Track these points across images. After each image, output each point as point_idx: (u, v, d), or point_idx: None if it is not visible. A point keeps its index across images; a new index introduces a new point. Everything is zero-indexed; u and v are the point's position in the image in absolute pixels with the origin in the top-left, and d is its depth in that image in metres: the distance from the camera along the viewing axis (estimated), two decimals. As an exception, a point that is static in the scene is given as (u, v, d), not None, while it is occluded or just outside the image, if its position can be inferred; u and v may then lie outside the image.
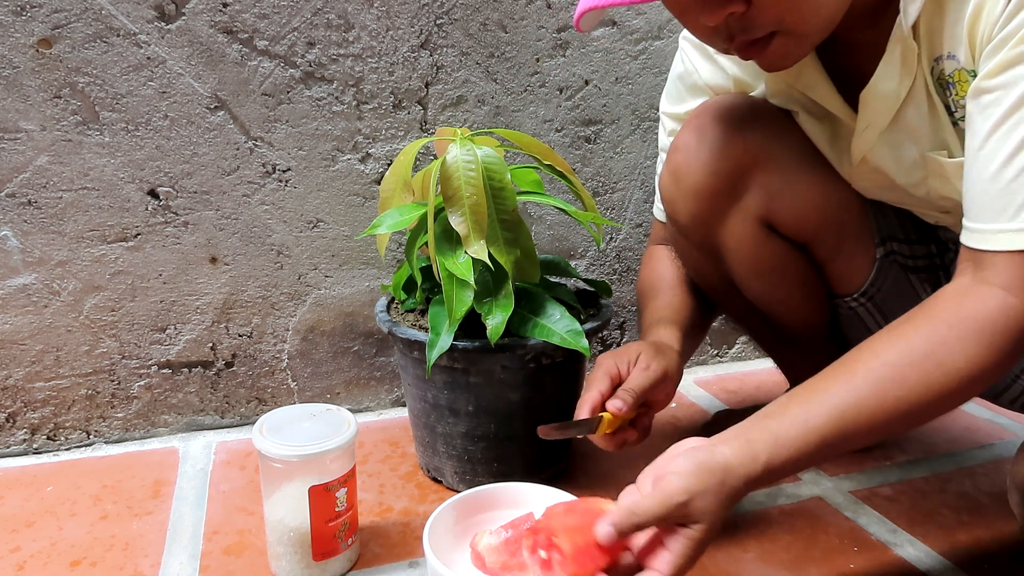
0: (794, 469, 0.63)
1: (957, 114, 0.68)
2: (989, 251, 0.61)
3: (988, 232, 0.61)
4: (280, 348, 1.14)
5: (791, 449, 0.61)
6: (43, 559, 0.83)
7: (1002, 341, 0.60)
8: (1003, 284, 0.60)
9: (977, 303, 0.61)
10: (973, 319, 0.60)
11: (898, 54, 0.68)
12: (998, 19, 0.58)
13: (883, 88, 0.71)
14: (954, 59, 0.65)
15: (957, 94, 0.67)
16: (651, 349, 0.82)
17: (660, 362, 0.81)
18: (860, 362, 0.63)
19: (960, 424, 1.17)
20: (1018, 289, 0.60)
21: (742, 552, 0.85)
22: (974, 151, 0.62)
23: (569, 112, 1.20)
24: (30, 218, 0.99)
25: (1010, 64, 0.58)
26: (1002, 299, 0.60)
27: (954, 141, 0.70)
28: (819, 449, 0.62)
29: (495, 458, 0.92)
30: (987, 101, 0.60)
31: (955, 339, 0.60)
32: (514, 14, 1.13)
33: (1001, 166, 0.59)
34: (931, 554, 0.85)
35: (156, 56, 0.99)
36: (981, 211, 0.61)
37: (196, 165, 1.04)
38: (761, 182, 0.82)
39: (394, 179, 0.89)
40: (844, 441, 0.62)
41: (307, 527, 0.76)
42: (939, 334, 0.61)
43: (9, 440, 1.05)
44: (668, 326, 0.88)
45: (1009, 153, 0.58)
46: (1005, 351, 0.60)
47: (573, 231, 1.26)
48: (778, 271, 0.87)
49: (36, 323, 1.03)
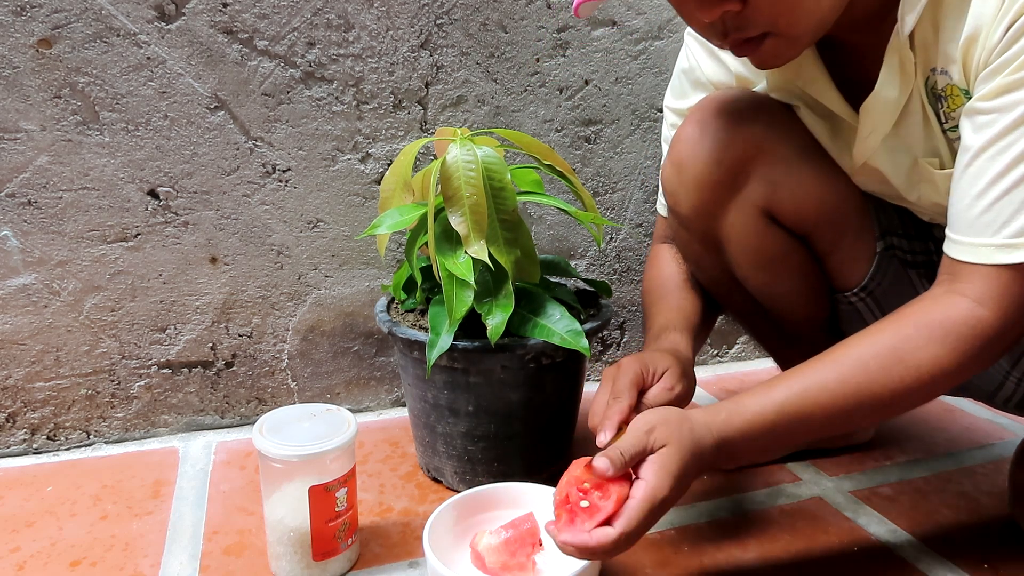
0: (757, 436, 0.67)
1: (947, 125, 0.70)
2: (967, 262, 0.64)
3: (970, 245, 0.64)
4: (280, 348, 1.14)
5: (752, 413, 0.67)
6: (43, 559, 0.83)
7: (965, 347, 0.64)
8: (975, 296, 0.64)
9: (946, 308, 0.65)
10: (939, 323, 0.65)
11: (896, 63, 0.70)
12: (997, 44, 0.60)
13: (885, 95, 0.72)
14: (946, 75, 0.67)
15: (948, 107, 0.69)
16: (679, 368, 0.80)
17: (683, 385, 0.79)
18: (831, 353, 0.69)
19: (960, 424, 1.17)
20: (989, 302, 0.64)
21: (742, 552, 0.85)
22: (963, 167, 0.64)
23: (569, 112, 1.20)
24: (30, 218, 0.99)
25: (1007, 89, 0.60)
26: (971, 308, 0.64)
27: (944, 150, 0.72)
28: (778, 418, 0.67)
29: (495, 458, 0.92)
30: (981, 121, 0.62)
31: (920, 339, 0.65)
32: (514, 14, 1.13)
33: (988, 184, 0.62)
34: (931, 554, 0.85)
35: (156, 56, 0.99)
36: (965, 225, 0.65)
37: (196, 165, 1.04)
38: (763, 173, 0.82)
39: (394, 179, 0.89)
40: (803, 418, 0.67)
41: (307, 527, 0.76)
42: (905, 333, 0.66)
43: (9, 440, 1.05)
44: (681, 333, 0.87)
45: (997, 173, 0.61)
46: (968, 356, 0.65)
47: (573, 231, 1.26)
48: (779, 263, 0.88)
49: (36, 323, 1.03)
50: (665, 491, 0.63)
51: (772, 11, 0.63)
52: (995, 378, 0.84)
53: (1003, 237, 0.62)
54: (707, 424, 0.67)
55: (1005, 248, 0.62)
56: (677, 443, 0.65)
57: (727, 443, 0.67)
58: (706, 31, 0.69)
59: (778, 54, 0.69)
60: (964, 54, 0.64)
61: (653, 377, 0.78)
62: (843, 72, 0.77)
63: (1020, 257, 0.62)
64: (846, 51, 0.75)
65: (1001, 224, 0.62)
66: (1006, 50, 0.59)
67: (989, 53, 0.61)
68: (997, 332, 0.64)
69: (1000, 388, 0.85)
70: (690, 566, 0.82)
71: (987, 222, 0.63)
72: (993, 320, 0.64)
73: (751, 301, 0.94)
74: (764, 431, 0.67)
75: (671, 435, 0.66)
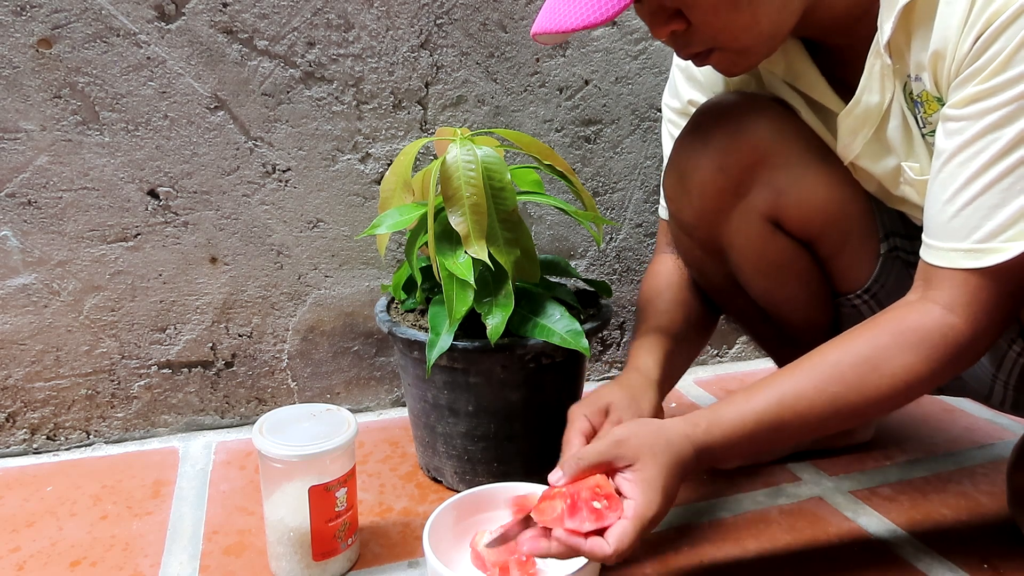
0: (736, 444, 0.69)
1: (925, 130, 0.72)
2: (939, 267, 0.66)
3: (942, 250, 0.66)
4: (280, 348, 1.14)
5: (730, 422, 0.68)
6: (43, 559, 0.83)
7: (937, 355, 0.66)
8: (946, 303, 0.65)
9: (920, 316, 0.67)
10: (913, 331, 0.66)
11: (877, 69, 0.71)
12: (967, 54, 0.61)
13: (866, 100, 0.74)
14: (920, 81, 0.68)
15: (925, 112, 0.70)
16: (625, 397, 0.80)
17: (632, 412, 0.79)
18: (808, 360, 0.70)
19: (960, 424, 1.17)
20: (959, 308, 0.65)
21: (742, 552, 0.85)
22: (935, 172, 0.66)
23: (569, 112, 1.20)
24: (30, 218, 0.99)
25: (977, 98, 0.61)
26: (942, 316, 0.66)
27: (923, 154, 0.74)
28: (757, 427, 0.68)
29: (495, 458, 0.92)
30: (952, 128, 0.64)
31: (894, 346, 0.67)
32: (514, 14, 1.13)
33: (958, 190, 0.63)
34: (931, 554, 0.85)
35: (156, 56, 0.99)
36: (937, 229, 0.66)
37: (196, 165, 1.04)
38: (767, 179, 0.82)
39: (394, 179, 0.89)
40: (781, 426, 0.68)
41: (307, 527, 0.76)
42: (879, 341, 0.67)
43: (9, 440, 1.05)
44: (651, 350, 0.87)
45: (967, 178, 0.63)
46: (941, 363, 0.66)
47: (573, 231, 1.26)
48: (783, 269, 0.87)
49: (36, 323, 1.03)
50: (654, 509, 0.64)
51: (711, 30, 0.67)
52: (984, 381, 0.85)
53: (971, 242, 0.63)
54: (686, 435, 0.68)
55: (973, 253, 0.63)
56: (655, 458, 0.66)
57: (707, 452, 0.68)
58: (666, 44, 0.72)
59: (732, 63, 0.72)
60: (933, 64, 0.65)
61: (600, 417, 0.79)
62: (832, 72, 0.78)
63: (987, 261, 0.63)
64: (832, 53, 0.76)
65: (971, 229, 0.63)
66: (976, 59, 0.61)
67: (960, 63, 0.62)
68: (968, 339, 0.65)
69: (991, 393, 0.85)
70: (690, 566, 0.82)
71: (957, 227, 0.64)
72: (964, 327, 0.65)
73: (753, 306, 0.94)
74: (743, 439, 0.69)
75: (644, 448, 0.66)
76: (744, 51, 0.71)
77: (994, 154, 0.61)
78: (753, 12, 0.66)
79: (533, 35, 0.69)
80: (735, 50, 0.70)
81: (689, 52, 0.71)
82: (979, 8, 0.60)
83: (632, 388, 0.82)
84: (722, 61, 0.72)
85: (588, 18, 0.63)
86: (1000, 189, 0.61)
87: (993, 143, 0.61)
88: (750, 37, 0.69)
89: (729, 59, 0.72)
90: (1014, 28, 0.58)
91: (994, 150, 0.61)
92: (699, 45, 0.70)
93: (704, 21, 0.66)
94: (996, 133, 0.61)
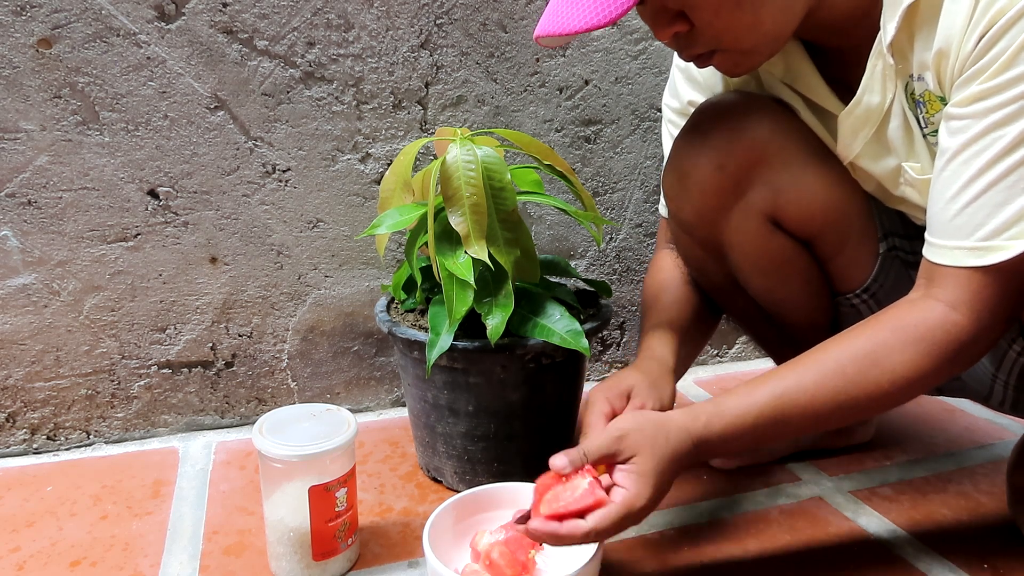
0: (736, 438, 0.69)
1: (927, 130, 0.72)
2: (942, 265, 0.66)
3: (945, 248, 0.66)
4: (280, 348, 1.14)
5: (732, 416, 0.69)
6: (43, 559, 0.83)
7: (938, 351, 0.66)
8: (949, 300, 0.65)
9: (923, 313, 0.67)
10: (914, 327, 0.66)
11: (879, 69, 0.71)
12: (970, 53, 0.61)
13: (867, 101, 0.74)
14: (923, 81, 0.68)
15: (927, 112, 0.70)
16: (645, 382, 0.81)
17: (653, 399, 0.80)
18: (809, 355, 0.70)
19: (960, 424, 1.17)
20: (962, 306, 0.65)
21: (742, 552, 0.85)
22: (939, 171, 0.66)
23: (569, 112, 1.20)
24: (30, 218, 0.99)
25: (981, 96, 0.61)
26: (945, 313, 0.65)
27: (924, 154, 0.74)
28: (758, 421, 0.68)
29: (495, 458, 0.92)
30: (956, 127, 0.64)
31: (896, 342, 0.67)
32: (514, 14, 1.13)
33: (961, 188, 0.63)
34: (931, 554, 0.85)
35: (156, 56, 0.99)
36: (940, 228, 0.66)
37: (196, 165, 1.04)
38: (766, 178, 0.82)
39: (394, 179, 0.89)
40: (783, 419, 0.68)
41: (307, 527, 0.76)
42: (881, 337, 0.67)
43: (9, 440, 1.05)
44: (663, 342, 0.88)
45: (970, 176, 0.63)
46: (942, 360, 0.66)
47: (573, 231, 1.26)
48: (783, 268, 0.88)
49: (36, 323, 1.03)
50: (643, 500, 0.65)
51: (715, 31, 0.67)
52: (984, 381, 0.84)
53: (975, 240, 0.63)
54: (686, 429, 0.69)
55: (976, 251, 0.63)
56: (653, 452, 0.67)
57: (706, 445, 0.69)
58: (669, 45, 0.72)
59: (735, 64, 0.73)
60: (937, 63, 0.65)
61: (623, 401, 0.79)
62: (832, 73, 0.78)
63: (991, 259, 0.63)
64: (832, 55, 0.76)
65: (974, 227, 0.63)
66: (980, 58, 0.61)
67: (963, 62, 0.62)
68: (971, 337, 0.66)
69: (991, 393, 0.85)
70: (690, 566, 0.82)
71: (960, 225, 0.64)
72: (967, 324, 0.65)
73: (753, 305, 0.94)
74: (743, 433, 0.69)
75: (644, 443, 0.67)
76: (747, 52, 0.71)
77: (997, 152, 0.61)
78: (756, 13, 0.66)
79: (536, 38, 0.69)
80: (738, 51, 0.70)
81: (692, 54, 0.71)
82: (983, 7, 0.60)
83: (651, 374, 0.83)
84: (725, 62, 0.72)
85: (591, 21, 0.63)
86: (1004, 187, 0.61)
87: (996, 141, 0.61)
88: (753, 38, 0.69)
89: (732, 60, 0.72)
90: (1018, 27, 0.58)
91: (997, 148, 0.61)
92: (702, 47, 0.70)
93: (707, 23, 0.66)
94: (999, 131, 0.61)
